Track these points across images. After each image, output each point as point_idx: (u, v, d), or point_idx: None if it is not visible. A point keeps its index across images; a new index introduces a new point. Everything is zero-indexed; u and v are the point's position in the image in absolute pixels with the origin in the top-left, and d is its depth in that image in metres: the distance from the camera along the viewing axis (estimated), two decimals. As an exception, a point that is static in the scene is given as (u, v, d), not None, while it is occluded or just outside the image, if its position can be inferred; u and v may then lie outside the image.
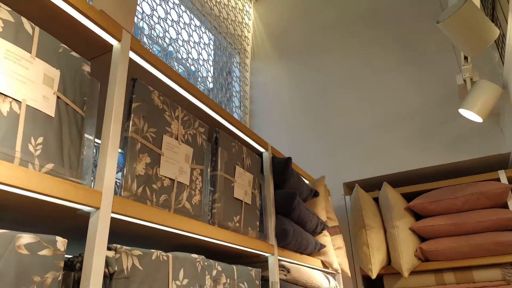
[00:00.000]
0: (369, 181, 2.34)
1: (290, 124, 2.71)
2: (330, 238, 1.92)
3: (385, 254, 2.06)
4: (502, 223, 1.86)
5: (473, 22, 1.19)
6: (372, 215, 2.10)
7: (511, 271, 1.86)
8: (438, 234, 1.99)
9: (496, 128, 2.07)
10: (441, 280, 1.98)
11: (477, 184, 1.96)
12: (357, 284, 2.13)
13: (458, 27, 1.20)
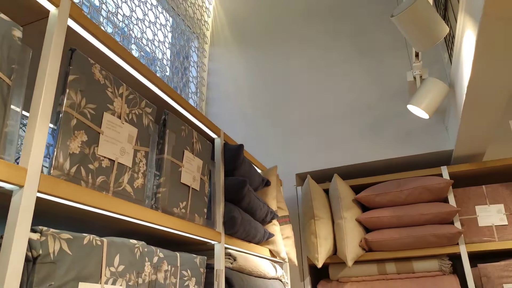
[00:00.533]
0: (321, 172, 2.38)
1: (247, 112, 2.68)
2: (280, 228, 1.92)
3: (332, 244, 2.10)
4: (442, 216, 1.95)
5: (425, 18, 1.23)
6: (321, 206, 2.14)
7: (447, 262, 1.96)
8: (382, 226, 2.06)
9: (441, 126, 2.17)
10: (383, 270, 2.05)
11: (420, 179, 2.04)
12: (304, 272, 2.16)
13: (410, 22, 1.23)
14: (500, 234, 1.93)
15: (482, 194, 2.03)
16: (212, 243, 1.37)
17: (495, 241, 1.91)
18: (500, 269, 1.83)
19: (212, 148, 1.55)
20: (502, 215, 1.96)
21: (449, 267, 1.95)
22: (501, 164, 1.98)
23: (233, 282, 1.37)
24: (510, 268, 1.81)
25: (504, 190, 2.00)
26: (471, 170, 2.04)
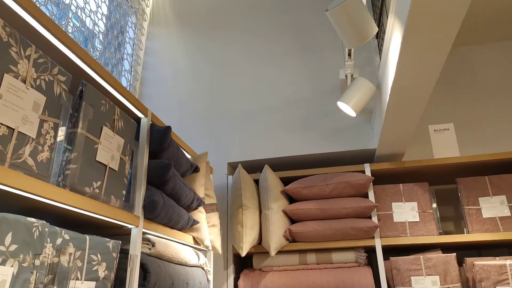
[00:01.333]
0: (253, 163, 2.38)
1: (183, 97, 2.60)
2: (206, 215, 1.89)
3: (258, 234, 2.12)
4: (361, 210, 2.05)
5: (356, 16, 1.26)
6: (250, 196, 2.14)
7: (363, 254, 2.07)
8: (307, 217, 2.12)
9: (368, 125, 2.27)
10: (304, 260, 2.11)
11: (345, 174, 2.13)
12: (228, 261, 2.16)
13: (342, 18, 1.26)
14: (411, 230, 2.07)
15: (399, 192, 2.17)
16: (129, 227, 1.30)
17: (407, 236, 2.05)
18: (409, 262, 1.96)
19: (138, 128, 1.47)
20: (415, 213, 2.11)
21: (364, 259, 2.06)
22: (418, 165, 2.13)
23: (149, 268, 1.31)
24: (418, 261, 1.95)
25: (418, 189, 2.15)
26: (391, 169, 2.17)
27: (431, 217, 2.08)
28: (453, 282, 1.89)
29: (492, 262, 1.86)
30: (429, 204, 2.11)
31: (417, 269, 1.94)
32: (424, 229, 2.06)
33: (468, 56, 2.71)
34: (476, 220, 2.02)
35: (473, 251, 2.25)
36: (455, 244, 2.03)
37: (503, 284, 1.82)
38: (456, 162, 2.09)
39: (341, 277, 2.00)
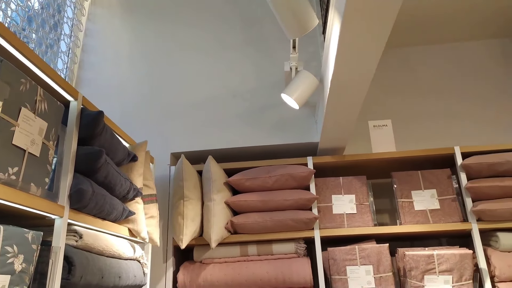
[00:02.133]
0: (197, 154, 2.33)
1: (125, 83, 2.49)
2: (143, 206, 1.83)
3: (199, 226, 2.08)
4: (302, 202, 2.08)
5: (296, 7, 1.27)
6: (192, 187, 2.10)
7: (302, 245, 2.11)
8: (249, 209, 2.12)
9: (312, 119, 2.30)
10: (245, 252, 2.11)
11: (288, 167, 2.15)
12: (167, 254, 2.11)
13: (282, 7, 1.26)
14: (349, 221, 2.13)
15: (339, 184, 2.23)
16: (52, 217, 1.21)
17: (344, 227, 2.11)
18: (345, 252, 2.03)
19: (67, 112, 1.38)
20: (353, 205, 2.18)
21: (303, 250, 2.10)
22: (357, 158, 2.19)
23: (74, 261, 1.24)
24: (353, 252, 2.02)
25: (357, 182, 2.22)
26: (332, 162, 2.22)
27: (367, 209, 2.16)
28: (385, 271, 1.97)
29: (421, 253, 1.97)
30: (366, 196, 2.19)
31: (352, 259, 2.00)
32: (360, 220, 2.13)
33: (408, 56, 2.83)
34: (408, 213, 2.12)
35: (406, 242, 2.36)
36: (389, 235, 2.13)
37: (430, 273, 1.94)
38: (392, 157, 2.19)
39: (281, 268, 2.02)
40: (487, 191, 2.01)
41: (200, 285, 2.03)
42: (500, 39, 2.81)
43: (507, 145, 2.12)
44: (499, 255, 1.95)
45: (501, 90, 2.69)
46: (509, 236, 1.97)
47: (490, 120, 2.62)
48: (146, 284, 1.86)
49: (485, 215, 1.98)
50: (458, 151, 2.13)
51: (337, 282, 1.99)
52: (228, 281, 2.02)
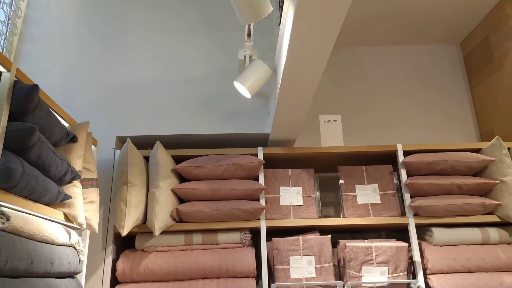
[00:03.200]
0: (144, 138, 2.25)
1: (70, 60, 2.34)
2: (82, 190, 1.73)
3: (142, 213, 2.02)
4: (250, 192, 2.08)
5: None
6: (137, 173, 2.02)
7: (248, 235, 2.11)
8: (196, 198, 2.08)
9: (264, 110, 2.30)
10: (190, 241, 2.08)
11: (238, 156, 2.14)
12: (107, 241, 2.02)
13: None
14: (295, 213, 2.17)
15: (287, 176, 2.25)
16: (-27, 197, 1.11)
17: (290, 218, 2.14)
18: (289, 243, 2.05)
19: (-3, 84, 1.26)
20: (300, 197, 2.21)
21: (249, 240, 2.10)
22: (307, 151, 2.23)
23: (-2, 245, 1.14)
24: (297, 242, 2.05)
25: (305, 175, 2.25)
26: (282, 154, 2.24)
27: (313, 202, 2.20)
28: (326, 261, 2.02)
29: (360, 244, 2.04)
30: (313, 189, 2.23)
31: (296, 250, 2.04)
32: (306, 212, 2.17)
33: (360, 55, 2.91)
34: (351, 206, 2.19)
35: (348, 234, 2.44)
36: (332, 227, 2.18)
37: (368, 264, 2.02)
38: (339, 152, 2.24)
39: (225, 257, 2.01)
40: (425, 188, 2.12)
41: (141, 273, 1.97)
42: (445, 45, 2.97)
43: (445, 145, 2.24)
44: (432, 248, 2.07)
45: (443, 94, 2.85)
46: (443, 231, 2.09)
47: (432, 121, 2.77)
48: (82, 272, 1.78)
49: (422, 211, 2.08)
50: (400, 149, 2.23)
51: (280, 271, 2.02)
52: (170, 269, 1.98)
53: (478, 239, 2.08)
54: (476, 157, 2.16)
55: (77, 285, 1.66)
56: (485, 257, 2.03)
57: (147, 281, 1.98)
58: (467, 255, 2.03)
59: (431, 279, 1.99)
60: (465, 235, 2.09)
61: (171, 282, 1.98)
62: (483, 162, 2.16)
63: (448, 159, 2.14)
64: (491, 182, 2.11)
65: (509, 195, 2.07)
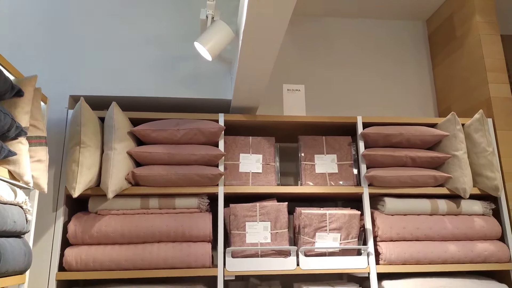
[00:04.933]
0: (100, 99, 2.17)
1: (19, 11, 2.18)
2: (30, 148, 1.65)
3: (96, 176, 1.96)
4: (209, 158, 2.06)
5: None
6: (91, 134, 1.95)
7: (205, 201, 2.10)
8: (153, 161, 2.04)
9: (228, 75, 2.26)
10: (146, 205, 2.05)
11: (198, 121, 2.10)
12: (58, 203, 1.96)
13: None
14: (254, 180, 2.17)
15: (248, 144, 2.24)
16: None
17: (249, 185, 2.15)
18: (246, 209, 2.07)
19: None
20: (259, 164, 2.21)
21: (206, 205, 2.09)
22: (268, 119, 2.21)
23: None
24: (254, 209, 2.07)
25: (266, 143, 2.25)
26: (243, 121, 2.21)
27: (272, 170, 2.21)
28: (282, 227, 2.06)
29: (315, 211, 2.08)
30: (272, 157, 2.23)
31: (252, 216, 2.05)
32: (265, 180, 2.18)
33: (327, 26, 2.89)
34: (309, 175, 2.22)
35: (305, 203, 2.48)
36: (290, 195, 2.21)
37: (322, 231, 2.07)
38: (301, 121, 2.24)
39: (181, 221, 2.00)
40: (380, 159, 2.17)
41: (93, 236, 1.93)
42: (411, 21, 2.99)
43: (403, 119, 2.29)
44: (383, 217, 2.14)
45: (406, 70, 2.89)
46: (394, 201, 2.17)
47: (393, 96, 2.82)
48: (29, 232, 1.72)
49: (376, 181, 2.14)
50: (360, 121, 2.26)
51: (236, 236, 2.04)
52: (124, 232, 1.95)
53: (427, 209, 2.17)
54: (431, 131, 2.23)
55: (23, 245, 1.61)
56: (432, 226, 2.12)
57: (100, 244, 1.95)
58: (416, 224, 2.12)
59: (381, 246, 2.07)
60: (416, 205, 2.17)
61: (125, 245, 1.96)
62: (437, 136, 2.22)
63: (404, 132, 2.20)
64: (443, 156, 2.19)
65: (460, 169, 2.15)
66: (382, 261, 2.05)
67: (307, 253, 2.04)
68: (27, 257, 1.61)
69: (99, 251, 1.91)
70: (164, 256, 1.93)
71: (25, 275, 1.65)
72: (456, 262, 2.08)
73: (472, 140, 2.25)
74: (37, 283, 1.84)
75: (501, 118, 2.33)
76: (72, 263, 1.88)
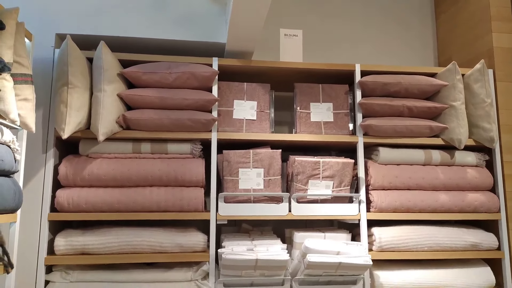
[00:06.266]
0: (88, 38, 2.07)
1: None
2: (14, 86, 1.59)
3: (86, 118, 1.91)
4: (202, 103, 2.01)
5: None
6: (79, 74, 1.88)
7: (198, 147, 2.07)
8: (144, 105, 1.99)
9: (222, 18, 2.15)
10: (138, 149, 2.02)
11: (190, 65, 2.03)
12: (48, 144, 1.93)
13: None
14: (248, 127, 2.14)
15: (242, 90, 2.18)
16: None
17: (242, 132, 2.12)
18: (239, 156, 2.05)
19: None
20: (254, 111, 2.17)
21: (199, 151, 2.07)
22: (264, 65, 2.14)
23: None
24: (247, 155, 2.05)
25: (260, 90, 2.19)
26: (238, 66, 2.14)
27: (266, 117, 2.17)
28: (274, 174, 2.05)
29: (309, 159, 2.07)
30: (267, 105, 2.19)
31: (246, 162, 2.04)
32: (259, 127, 2.15)
33: (330, -32, 2.74)
34: (304, 123, 2.18)
35: (300, 153, 2.46)
36: (284, 144, 2.19)
37: (315, 178, 2.07)
38: (297, 67, 2.18)
39: (173, 167, 1.99)
40: (377, 108, 2.13)
41: (85, 178, 1.92)
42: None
43: (402, 68, 2.23)
44: (376, 167, 2.14)
45: (408, 19, 2.79)
46: (388, 151, 2.16)
47: (393, 46, 2.74)
48: (19, 173, 1.69)
49: (371, 130, 2.12)
50: (358, 69, 2.20)
51: (229, 182, 2.04)
52: (116, 176, 1.94)
53: (421, 159, 2.17)
54: (430, 81, 2.17)
55: (13, 184, 1.59)
56: (425, 176, 2.13)
57: (92, 186, 1.94)
58: (409, 174, 2.13)
59: (372, 194, 2.09)
60: (410, 155, 2.17)
61: (118, 188, 1.95)
62: (436, 86, 2.18)
63: (403, 81, 2.14)
64: (441, 106, 2.15)
65: (456, 120, 2.13)
66: (373, 208, 2.07)
67: (299, 200, 2.05)
68: (17, 196, 1.60)
69: (91, 193, 1.91)
70: (156, 199, 1.93)
71: (16, 214, 1.65)
72: (446, 211, 2.11)
73: (471, 90, 2.21)
74: (29, 224, 1.85)
75: (502, 69, 2.27)
76: (64, 204, 1.88)
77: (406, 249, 2.05)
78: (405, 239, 2.05)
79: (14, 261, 1.61)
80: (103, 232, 1.92)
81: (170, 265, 1.99)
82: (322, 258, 1.80)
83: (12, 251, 1.62)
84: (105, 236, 1.90)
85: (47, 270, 1.89)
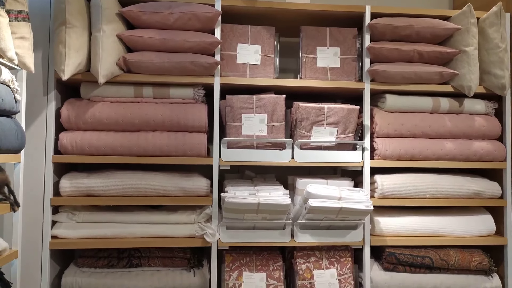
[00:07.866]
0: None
1: None
2: (10, 23, 1.53)
3: (85, 59, 1.87)
4: (204, 46, 1.95)
5: None
6: (77, 13, 1.81)
7: (201, 91, 2.04)
8: (145, 47, 1.93)
9: (225, -46, 2.03)
10: (140, 93, 1.99)
11: (192, 5, 1.94)
12: (49, 86, 1.90)
13: None
14: (251, 72, 2.08)
15: (246, 33, 2.10)
16: None
17: (246, 77, 2.07)
18: (242, 101, 2.01)
19: None
20: (258, 56, 2.10)
21: (201, 96, 2.04)
22: (270, 6, 2.04)
23: None
24: (250, 101, 2.01)
25: (265, 33, 2.11)
26: (242, 7, 2.05)
27: (271, 62, 2.11)
28: (278, 120, 2.03)
29: (313, 105, 2.03)
30: (272, 49, 2.11)
31: (249, 108, 2.01)
32: (263, 72, 2.09)
33: None
34: (310, 68, 2.12)
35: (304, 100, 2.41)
36: (289, 90, 2.14)
37: (319, 125, 2.04)
38: (304, 9, 2.07)
39: (176, 112, 1.97)
40: (386, 53, 2.05)
41: (87, 121, 1.91)
42: None
43: (415, 10, 2.12)
44: (382, 114, 2.10)
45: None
46: (395, 98, 2.11)
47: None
48: (20, 114, 1.68)
49: (379, 76, 2.05)
50: (369, 11, 2.09)
51: (232, 128, 2.02)
52: (119, 120, 1.93)
53: (428, 107, 2.12)
54: (442, 24, 2.07)
55: (15, 125, 1.59)
56: (431, 124, 2.09)
57: (94, 130, 1.94)
58: (415, 122, 2.09)
59: (377, 142, 2.06)
60: (417, 102, 2.11)
61: (120, 132, 1.95)
62: (449, 30, 2.07)
63: (414, 24, 2.04)
64: (453, 51, 2.07)
65: (468, 66, 2.05)
66: (377, 156, 2.06)
67: (303, 147, 2.04)
68: (19, 137, 1.60)
69: (94, 136, 1.91)
70: (159, 143, 1.93)
71: (20, 155, 1.66)
72: (451, 159, 2.09)
73: (485, 35, 2.11)
74: (34, 166, 1.87)
75: (521, 12, 2.15)
76: (67, 147, 1.89)
77: (408, 196, 2.05)
78: (407, 186, 2.05)
79: (20, 201, 1.64)
80: (107, 175, 1.94)
81: (174, 208, 2.03)
82: (323, 203, 1.82)
83: (18, 191, 1.65)
84: (110, 179, 1.92)
85: (54, 211, 1.93)
